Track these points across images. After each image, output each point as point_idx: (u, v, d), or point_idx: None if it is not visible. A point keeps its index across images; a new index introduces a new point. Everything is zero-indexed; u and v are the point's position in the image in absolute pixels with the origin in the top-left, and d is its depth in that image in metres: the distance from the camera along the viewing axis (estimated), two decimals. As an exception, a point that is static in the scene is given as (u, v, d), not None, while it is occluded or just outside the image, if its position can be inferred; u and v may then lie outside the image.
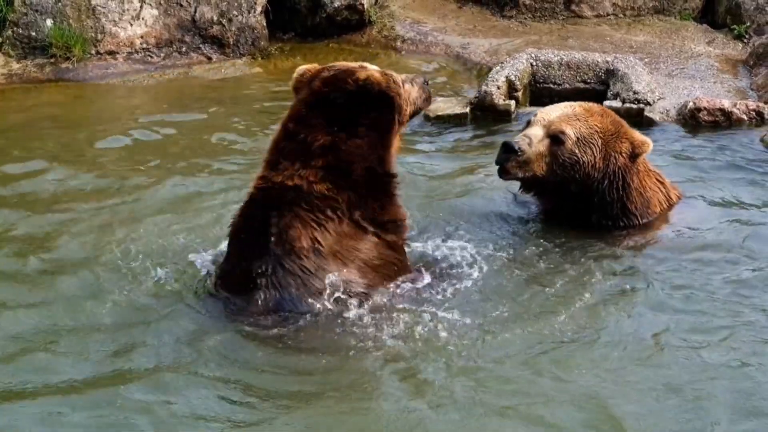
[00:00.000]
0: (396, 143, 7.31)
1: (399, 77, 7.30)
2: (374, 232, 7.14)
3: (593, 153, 7.98)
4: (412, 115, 7.47)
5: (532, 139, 8.01)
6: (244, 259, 6.99)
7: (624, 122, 8.30)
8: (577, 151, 7.98)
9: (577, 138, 7.98)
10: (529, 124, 8.20)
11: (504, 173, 8.08)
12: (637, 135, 8.19)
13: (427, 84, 7.61)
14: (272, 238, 6.88)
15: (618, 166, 8.05)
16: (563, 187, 8.09)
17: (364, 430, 6.05)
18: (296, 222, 6.90)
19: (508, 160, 7.97)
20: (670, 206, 8.49)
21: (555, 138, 8.00)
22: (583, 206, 8.18)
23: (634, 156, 8.11)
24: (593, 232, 8.21)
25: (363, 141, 7.07)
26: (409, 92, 7.35)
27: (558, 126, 8.02)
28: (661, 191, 8.42)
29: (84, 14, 13.18)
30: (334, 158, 7.01)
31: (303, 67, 7.35)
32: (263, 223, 6.94)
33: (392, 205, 7.27)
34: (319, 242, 6.90)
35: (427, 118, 11.21)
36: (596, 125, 8.04)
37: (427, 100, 7.62)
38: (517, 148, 7.93)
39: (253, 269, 6.92)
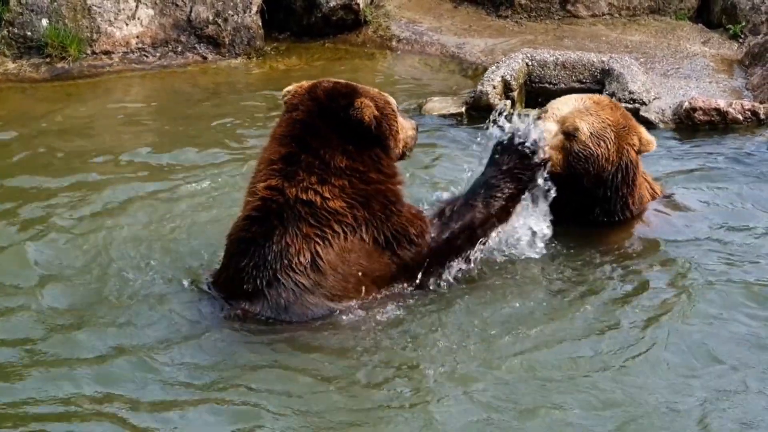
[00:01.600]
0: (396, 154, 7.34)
1: (393, 103, 7.32)
2: (384, 247, 7.09)
3: (607, 147, 7.96)
4: (402, 155, 7.45)
5: (546, 135, 8.02)
6: (243, 269, 6.97)
7: (631, 116, 8.31)
8: (591, 146, 7.96)
9: (591, 133, 7.96)
10: (540, 118, 8.21)
11: None
12: (643, 131, 8.20)
13: (417, 129, 7.68)
14: (272, 253, 6.87)
15: (630, 159, 8.03)
16: (575, 181, 8.06)
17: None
18: (299, 238, 6.88)
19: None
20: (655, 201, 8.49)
21: (569, 134, 7.99)
22: (590, 201, 8.13)
23: (638, 151, 8.11)
24: (593, 228, 8.18)
25: (373, 166, 7.11)
26: (403, 125, 7.39)
27: (572, 122, 8.00)
28: (648, 188, 8.42)
29: (79, 14, 13.16)
30: (351, 181, 7.01)
31: (293, 85, 7.33)
32: (266, 236, 6.92)
33: (401, 215, 7.19)
34: (319, 256, 6.88)
35: (422, 117, 11.23)
36: (608, 118, 8.00)
37: (414, 142, 7.63)
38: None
39: (251, 281, 6.93)
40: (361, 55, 13.67)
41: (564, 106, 8.16)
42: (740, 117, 10.84)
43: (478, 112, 11.32)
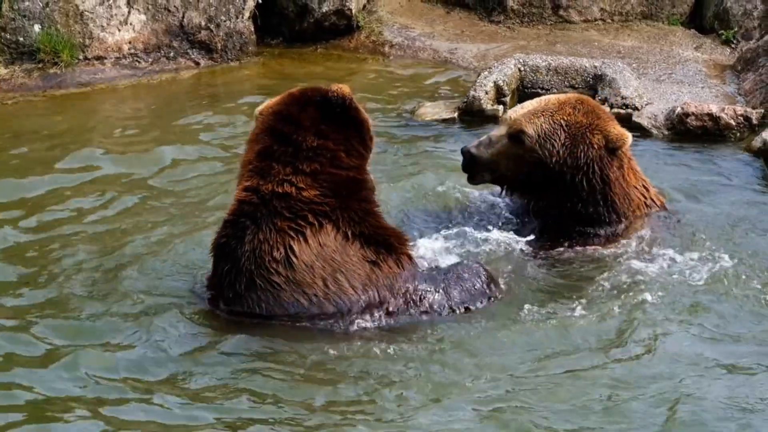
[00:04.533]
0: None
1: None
2: (358, 242, 7.04)
3: (557, 149, 7.86)
4: None
5: (493, 140, 8.02)
6: (222, 275, 7.03)
7: (602, 115, 8.05)
8: (537, 149, 7.89)
9: (538, 135, 7.89)
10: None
11: (471, 179, 8.16)
12: (614, 129, 7.93)
13: None
14: (245, 255, 6.90)
15: (590, 157, 7.84)
16: (538, 182, 8.00)
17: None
18: (273, 234, 6.88)
19: (470, 165, 8.04)
20: (650, 208, 8.27)
21: (514, 137, 7.95)
22: (566, 198, 8.03)
23: (610, 150, 7.90)
24: (576, 235, 8.14)
25: (343, 146, 7.10)
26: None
27: (518, 125, 7.94)
28: (644, 192, 8.20)
29: (72, 19, 13.14)
30: (322, 163, 7.01)
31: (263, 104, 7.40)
32: (239, 238, 6.94)
33: (375, 215, 7.20)
34: (293, 252, 6.86)
35: (415, 122, 11.24)
36: (562, 119, 7.87)
37: None
38: (468, 155, 8.01)
39: (230, 286, 6.98)
40: (353, 60, 13.67)
41: (521, 108, 8.10)
42: (733, 122, 10.84)
43: (470, 117, 11.35)
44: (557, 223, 8.13)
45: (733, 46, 13.54)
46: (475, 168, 8.06)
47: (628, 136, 7.97)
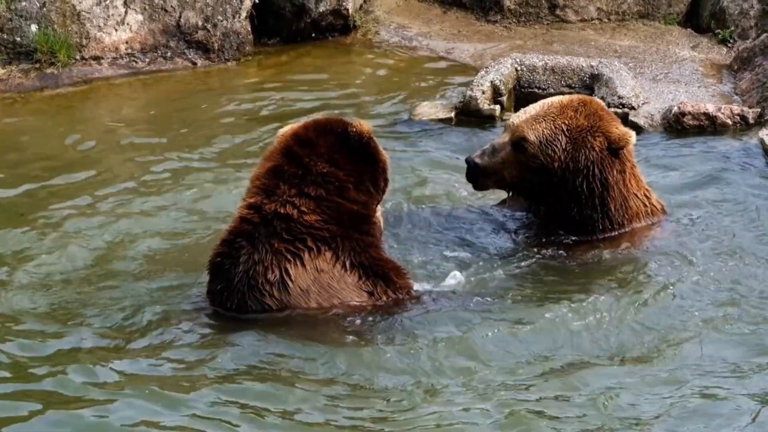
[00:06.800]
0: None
1: None
2: (356, 272, 7.03)
3: (558, 154, 7.86)
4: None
5: (496, 148, 8.02)
6: (215, 293, 7.06)
7: (605, 116, 8.07)
8: (540, 155, 7.90)
9: (540, 141, 7.90)
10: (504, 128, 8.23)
11: (476, 187, 8.21)
12: (616, 129, 7.95)
13: None
14: (238, 275, 6.91)
15: (591, 160, 7.87)
16: (542, 187, 8.01)
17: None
18: (268, 256, 6.87)
19: (474, 174, 8.05)
20: (651, 217, 8.27)
21: (517, 145, 7.96)
22: (567, 204, 8.06)
23: (613, 151, 7.93)
24: (575, 242, 8.14)
25: (354, 179, 7.08)
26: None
27: (520, 132, 7.94)
28: (645, 201, 8.20)
29: (69, 19, 13.13)
30: (329, 191, 6.98)
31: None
32: (234, 258, 6.95)
33: (376, 248, 7.18)
34: (288, 275, 6.86)
35: (412, 122, 11.24)
36: (563, 123, 7.88)
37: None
38: (473, 165, 8.02)
39: (222, 305, 7.02)
40: (350, 60, 13.66)
41: (522, 114, 8.10)
42: (729, 122, 10.88)
43: (467, 117, 11.35)
44: (558, 227, 8.16)
45: (729, 45, 13.55)
46: (479, 177, 8.09)
47: (632, 135, 8.00)
